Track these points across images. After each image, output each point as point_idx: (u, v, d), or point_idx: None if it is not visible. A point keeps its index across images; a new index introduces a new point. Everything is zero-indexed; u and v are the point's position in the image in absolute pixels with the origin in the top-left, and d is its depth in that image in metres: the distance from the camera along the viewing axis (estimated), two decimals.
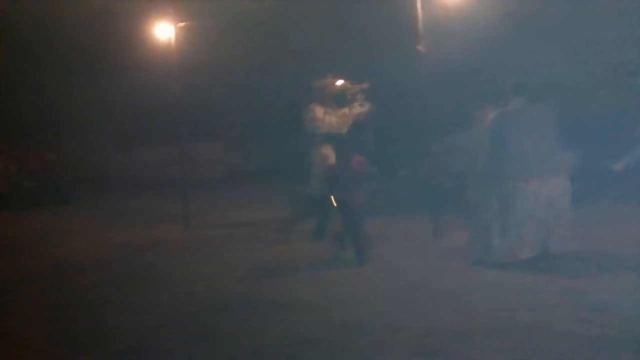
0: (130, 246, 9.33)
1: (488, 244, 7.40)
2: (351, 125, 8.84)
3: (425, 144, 9.66)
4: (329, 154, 8.58)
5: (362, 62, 10.15)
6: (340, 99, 9.02)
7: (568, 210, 7.25)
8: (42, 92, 15.24)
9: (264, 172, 15.38)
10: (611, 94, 10.59)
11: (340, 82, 9.11)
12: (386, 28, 9.32)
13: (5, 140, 15.07)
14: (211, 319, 5.83)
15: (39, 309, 6.36)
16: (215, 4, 11.12)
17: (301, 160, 8.85)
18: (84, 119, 15.87)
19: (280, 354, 4.90)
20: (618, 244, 7.74)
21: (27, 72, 14.73)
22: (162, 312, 6.13)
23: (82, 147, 16.30)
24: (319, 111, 8.99)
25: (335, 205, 7.48)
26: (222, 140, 17.04)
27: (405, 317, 5.58)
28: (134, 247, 9.29)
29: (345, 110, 8.82)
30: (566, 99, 9.00)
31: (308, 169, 8.96)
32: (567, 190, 7.29)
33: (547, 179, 7.29)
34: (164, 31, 10.71)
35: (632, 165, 8.04)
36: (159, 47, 10.91)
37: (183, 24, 10.65)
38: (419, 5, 8.15)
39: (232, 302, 6.31)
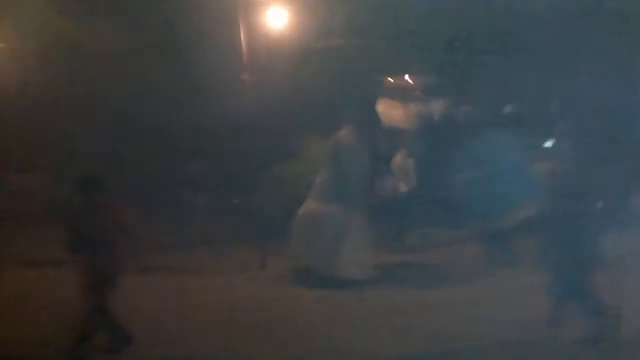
0: None
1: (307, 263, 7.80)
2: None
3: (257, 173, 9.72)
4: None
5: (191, 92, 10.01)
6: (406, 95, 9.07)
7: (369, 237, 7.80)
8: None
9: None
10: None
11: (406, 79, 9.30)
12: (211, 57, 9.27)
13: None
14: None
15: None
16: (28, 27, 10.38)
17: None
18: None
19: None
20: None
21: None
22: None
23: None
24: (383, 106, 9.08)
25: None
26: (42, 172, 15.76)
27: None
28: None
29: (412, 106, 8.85)
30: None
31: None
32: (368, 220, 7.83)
33: (355, 207, 7.73)
34: None
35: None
36: None
37: None
38: (242, 34, 8.23)
39: (32, 350, 5.74)
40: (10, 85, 11.00)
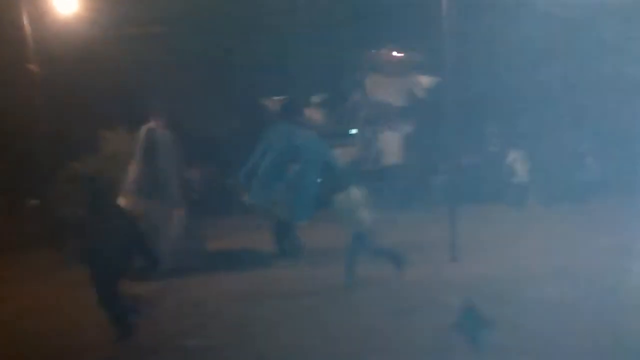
0: None
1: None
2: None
3: (50, 171, 9.00)
4: None
5: None
6: (396, 70, 9.08)
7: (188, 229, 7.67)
8: None
9: None
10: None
11: (397, 54, 9.29)
12: None
13: None
14: None
15: None
16: None
17: None
18: None
19: None
20: None
21: None
22: None
23: None
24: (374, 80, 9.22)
25: None
26: None
27: None
28: None
29: (402, 80, 8.89)
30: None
31: None
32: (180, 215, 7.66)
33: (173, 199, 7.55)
34: None
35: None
36: None
37: None
38: (26, 22, 7.44)
39: None
40: None
